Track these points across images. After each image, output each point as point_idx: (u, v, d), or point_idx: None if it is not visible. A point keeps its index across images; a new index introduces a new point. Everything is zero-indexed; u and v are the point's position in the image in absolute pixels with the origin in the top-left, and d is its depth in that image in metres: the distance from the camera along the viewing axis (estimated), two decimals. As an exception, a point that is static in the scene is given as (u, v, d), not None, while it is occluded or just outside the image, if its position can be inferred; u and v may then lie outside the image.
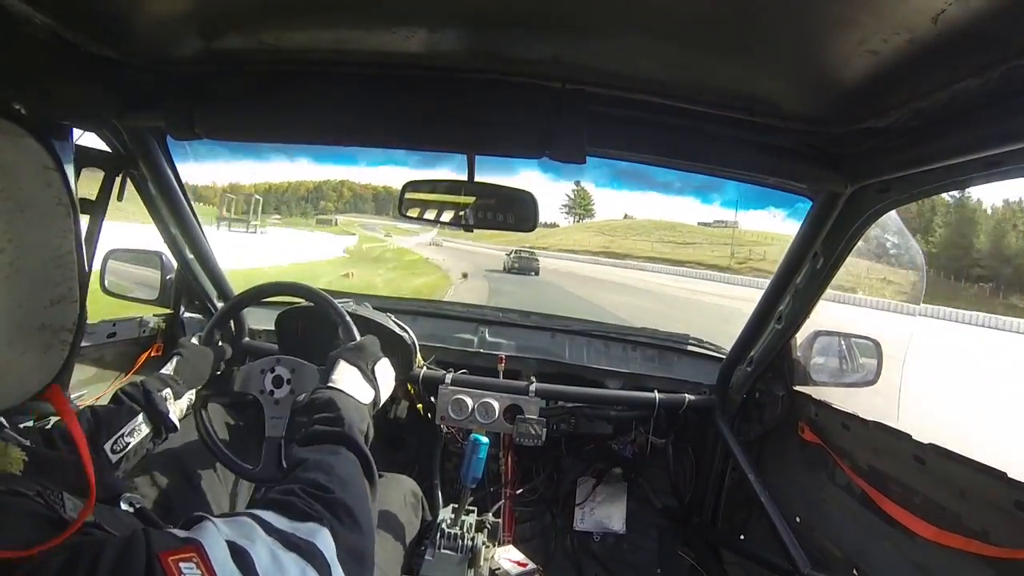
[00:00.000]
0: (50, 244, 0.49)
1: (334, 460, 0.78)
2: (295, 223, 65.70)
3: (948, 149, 0.84)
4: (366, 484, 0.80)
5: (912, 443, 1.12)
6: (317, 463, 0.75)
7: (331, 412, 0.90)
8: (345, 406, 0.92)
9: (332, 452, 0.80)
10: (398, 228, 58.25)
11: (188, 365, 1.21)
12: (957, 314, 29.01)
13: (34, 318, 0.48)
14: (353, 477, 0.77)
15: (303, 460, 0.77)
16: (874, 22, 0.66)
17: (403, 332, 1.69)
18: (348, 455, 0.81)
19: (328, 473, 0.73)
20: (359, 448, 0.83)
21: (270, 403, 1.27)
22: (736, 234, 65.34)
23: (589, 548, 1.98)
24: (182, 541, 0.54)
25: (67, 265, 0.50)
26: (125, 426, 1.02)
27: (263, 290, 1.38)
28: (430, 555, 1.38)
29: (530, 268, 27.80)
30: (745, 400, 1.68)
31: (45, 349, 0.50)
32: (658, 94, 0.99)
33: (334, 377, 1.03)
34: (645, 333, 2.11)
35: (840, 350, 1.61)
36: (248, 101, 1.09)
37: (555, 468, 1.97)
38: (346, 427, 0.86)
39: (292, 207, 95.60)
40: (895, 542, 1.14)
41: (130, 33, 0.94)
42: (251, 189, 58.73)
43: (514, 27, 0.85)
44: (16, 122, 0.47)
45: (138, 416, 1.05)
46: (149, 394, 1.08)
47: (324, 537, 0.64)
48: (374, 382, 1.08)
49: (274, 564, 0.57)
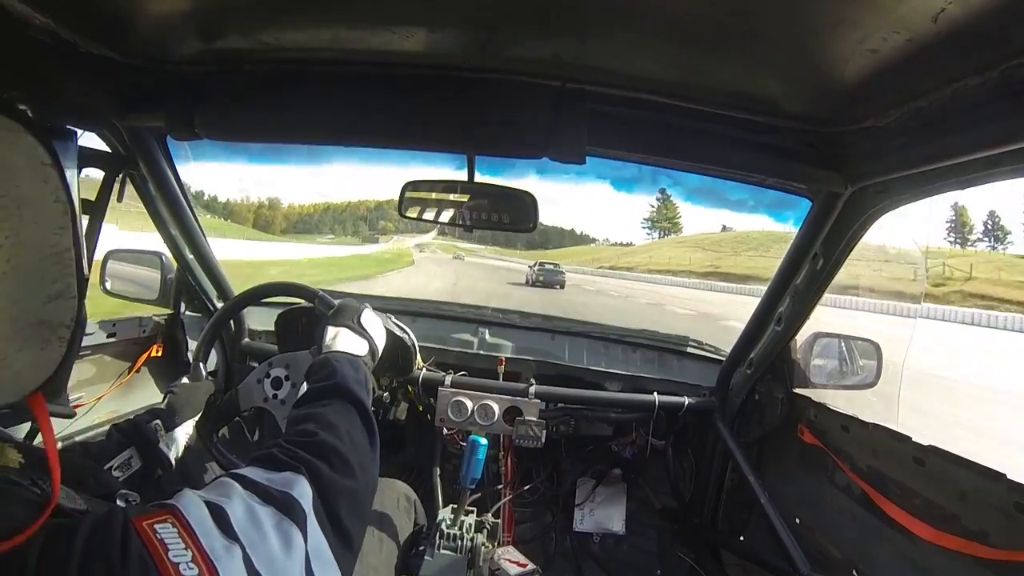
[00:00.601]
0: (48, 241, 0.49)
1: (325, 410, 0.77)
2: (344, 242, 64.75)
3: (948, 149, 0.83)
4: (362, 429, 0.78)
5: (912, 445, 1.12)
6: (307, 415, 0.75)
7: (325, 370, 0.90)
8: (339, 361, 0.92)
9: (324, 404, 0.79)
10: (442, 244, 55.26)
11: (180, 399, 1.18)
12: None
13: (32, 314, 0.49)
14: (343, 421, 0.76)
15: (296, 417, 0.76)
16: (874, 21, 0.66)
17: (403, 333, 1.68)
18: (341, 404, 0.80)
19: (317, 421, 0.73)
20: (353, 396, 0.82)
21: (277, 406, 1.27)
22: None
23: (589, 549, 1.98)
24: (157, 507, 0.54)
25: (65, 262, 0.51)
26: (114, 459, 0.99)
27: (261, 291, 1.38)
28: (429, 555, 1.37)
29: (555, 281, 25.94)
30: (745, 402, 1.68)
31: (43, 345, 0.50)
32: (658, 94, 0.99)
33: (325, 343, 1.04)
34: (645, 335, 2.11)
35: (840, 352, 1.61)
36: (248, 101, 1.09)
37: (555, 469, 1.97)
38: (338, 379, 0.86)
39: (347, 227, 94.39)
40: (895, 543, 1.14)
41: (130, 33, 0.94)
42: (311, 209, 58.40)
43: (514, 26, 0.85)
44: (14, 119, 0.47)
45: (129, 449, 1.01)
46: (138, 426, 1.06)
47: (301, 485, 0.63)
48: (364, 332, 1.08)
49: (250, 518, 0.56)
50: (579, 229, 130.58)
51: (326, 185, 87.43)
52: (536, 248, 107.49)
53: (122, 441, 1.01)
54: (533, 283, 25.90)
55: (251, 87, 1.07)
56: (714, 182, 1.26)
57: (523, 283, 26.19)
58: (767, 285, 1.47)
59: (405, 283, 22.52)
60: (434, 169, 1.28)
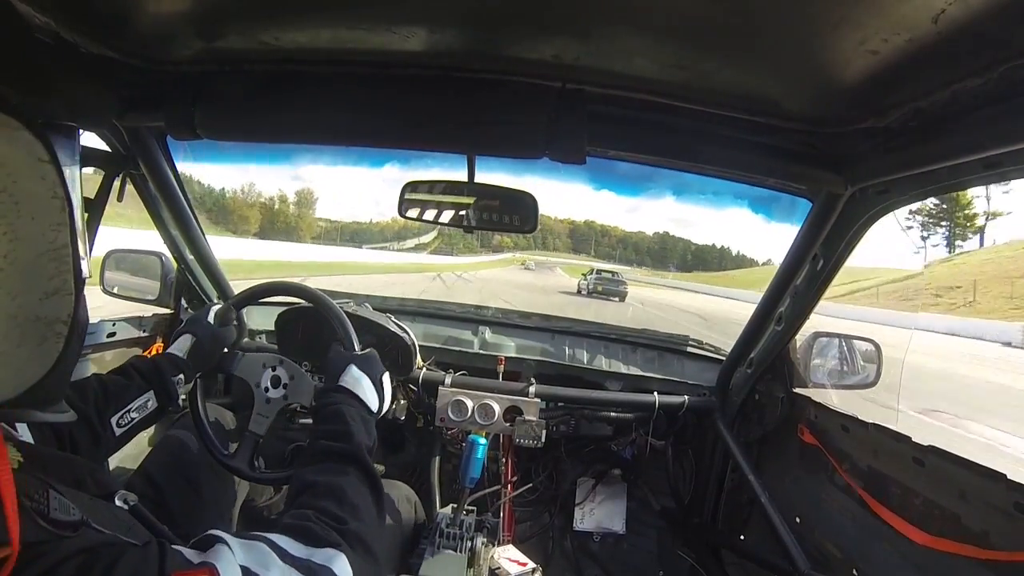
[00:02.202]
0: (45, 237, 0.49)
1: (344, 483, 0.78)
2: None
3: (948, 150, 0.83)
4: (374, 508, 0.80)
5: (912, 445, 1.12)
6: (328, 488, 0.76)
7: (339, 425, 0.89)
8: (353, 419, 0.92)
9: (341, 472, 0.80)
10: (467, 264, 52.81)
11: (201, 348, 1.21)
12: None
13: (29, 310, 0.48)
14: (363, 501, 0.77)
15: (313, 483, 0.77)
16: (874, 22, 0.66)
17: (403, 333, 1.69)
18: (356, 475, 0.81)
19: (339, 500, 0.74)
20: (367, 466, 0.83)
21: (261, 399, 1.27)
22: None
23: (589, 548, 1.98)
24: (196, 565, 0.54)
25: (62, 258, 0.50)
26: (134, 401, 1.03)
27: (264, 289, 1.38)
28: (429, 554, 1.37)
29: (616, 293, 23.26)
30: (745, 401, 1.68)
31: (40, 341, 0.50)
32: (658, 94, 0.99)
33: (344, 380, 1.03)
34: (645, 334, 2.11)
35: (839, 352, 1.61)
36: (248, 101, 1.09)
37: (555, 469, 1.97)
38: (354, 444, 0.86)
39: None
40: (895, 543, 1.14)
41: (130, 33, 0.94)
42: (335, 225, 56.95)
43: (514, 26, 0.85)
44: (11, 115, 0.47)
45: (148, 393, 1.06)
46: (163, 375, 1.10)
47: (342, 563, 0.64)
48: (382, 392, 1.09)
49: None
50: (737, 249, 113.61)
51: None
52: (692, 270, 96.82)
53: (143, 385, 1.06)
54: (589, 293, 23.63)
55: (251, 87, 1.07)
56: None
57: (574, 292, 24.35)
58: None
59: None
60: (435, 170, 1.28)
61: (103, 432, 0.98)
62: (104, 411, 0.99)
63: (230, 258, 12.30)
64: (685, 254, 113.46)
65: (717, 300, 29.92)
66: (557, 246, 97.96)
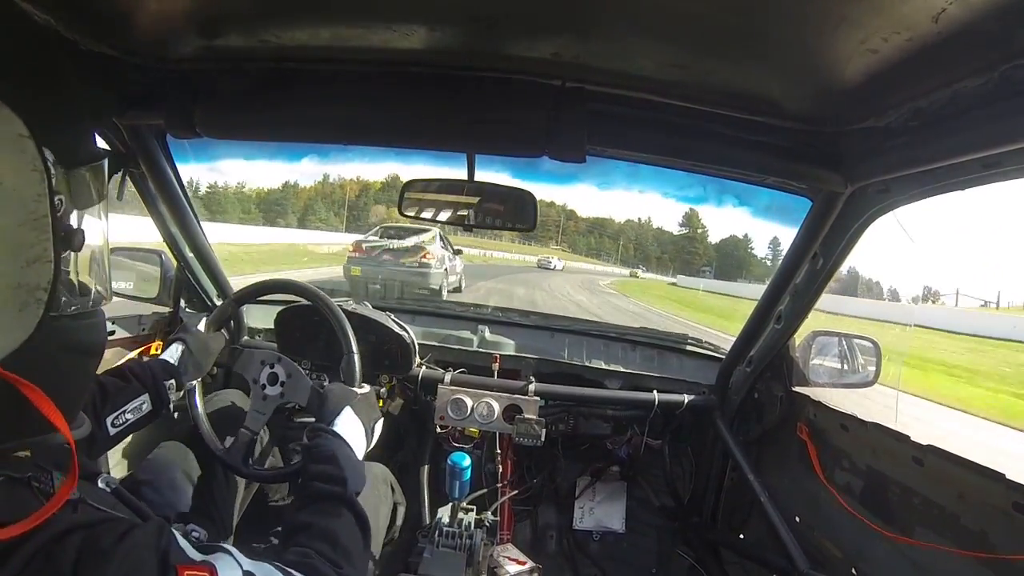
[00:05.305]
0: (26, 208, 0.51)
1: (338, 527, 0.80)
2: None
3: (948, 149, 0.83)
4: (365, 553, 0.84)
5: (911, 444, 1.12)
6: (323, 532, 0.78)
7: (333, 469, 0.92)
8: (346, 463, 0.95)
9: (335, 515, 0.83)
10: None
11: (192, 358, 1.24)
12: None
13: (10, 278, 0.50)
14: (356, 547, 0.80)
15: (308, 524, 0.79)
16: (875, 21, 0.66)
17: (402, 331, 1.69)
18: (349, 519, 0.83)
19: (334, 544, 0.76)
20: (359, 511, 0.86)
21: (258, 396, 1.28)
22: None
23: (588, 547, 1.98)
24: (199, 562, 0.56)
25: (42, 227, 0.52)
26: (130, 403, 1.07)
27: (264, 287, 1.38)
28: (428, 553, 1.38)
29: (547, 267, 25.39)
30: (744, 400, 1.68)
31: (21, 307, 0.51)
32: (658, 93, 0.99)
33: (339, 423, 1.06)
34: (644, 333, 2.11)
35: (839, 351, 1.61)
36: (248, 99, 1.09)
37: (553, 467, 1.97)
38: (348, 490, 0.89)
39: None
40: (894, 543, 1.14)
41: (130, 31, 0.94)
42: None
43: (514, 25, 0.85)
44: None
45: (143, 395, 1.09)
46: (157, 379, 1.13)
47: None
48: (371, 438, 1.13)
49: None
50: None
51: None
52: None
53: (139, 388, 1.10)
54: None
55: (251, 85, 1.07)
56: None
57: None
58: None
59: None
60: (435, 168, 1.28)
61: (98, 431, 1.00)
62: (100, 410, 1.01)
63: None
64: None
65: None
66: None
